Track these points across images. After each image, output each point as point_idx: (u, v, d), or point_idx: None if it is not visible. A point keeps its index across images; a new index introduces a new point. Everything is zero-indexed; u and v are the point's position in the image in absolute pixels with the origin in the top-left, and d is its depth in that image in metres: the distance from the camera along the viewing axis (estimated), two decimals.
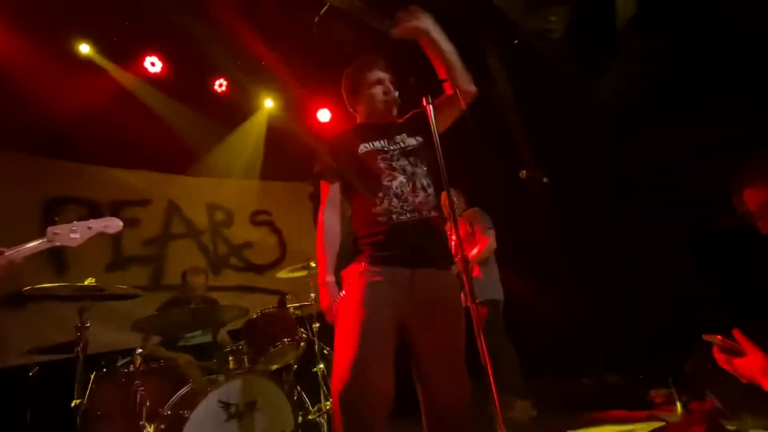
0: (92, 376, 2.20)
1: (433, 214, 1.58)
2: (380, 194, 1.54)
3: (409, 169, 1.59)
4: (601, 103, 3.33)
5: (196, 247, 4.22)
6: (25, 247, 1.50)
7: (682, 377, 2.26)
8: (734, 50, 2.59)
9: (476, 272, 3.06)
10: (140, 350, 2.26)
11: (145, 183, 4.03)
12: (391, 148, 1.64)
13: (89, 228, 1.58)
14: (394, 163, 1.59)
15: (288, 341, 2.57)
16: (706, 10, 2.68)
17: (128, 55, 3.83)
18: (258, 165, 4.67)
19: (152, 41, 3.84)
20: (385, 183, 1.55)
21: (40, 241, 1.56)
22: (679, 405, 2.15)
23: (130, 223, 3.91)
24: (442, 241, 1.62)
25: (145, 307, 2.77)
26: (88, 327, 2.15)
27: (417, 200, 1.55)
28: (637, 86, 3.05)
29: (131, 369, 2.25)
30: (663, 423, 2.08)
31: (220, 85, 4.31)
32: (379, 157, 1.60)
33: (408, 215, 1.52)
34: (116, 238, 3.79)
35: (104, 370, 2.30)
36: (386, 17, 3.55)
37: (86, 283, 2.08)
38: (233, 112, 4.48)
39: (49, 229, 1.57)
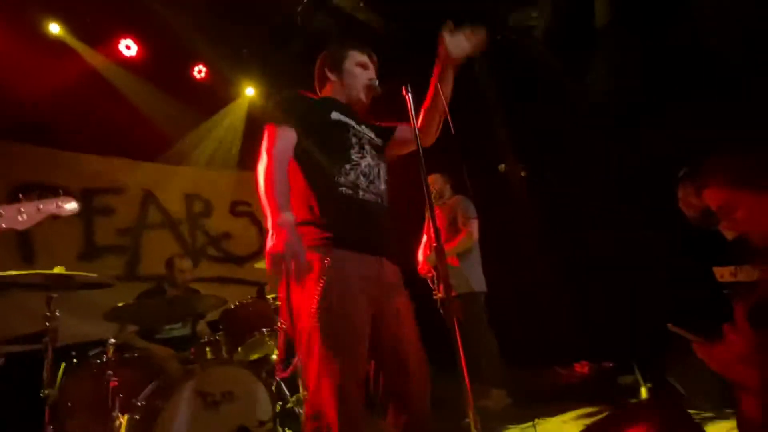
0: (62, 367, 2.14)
1: (388, 205, 1.51)
2: (347, 166, 1.41)
3: (375, 158, 1.52)
4: (581, 100, 3.41)
5: (173, 238, 4.13)
6: None
7: (647, 365, 2.37)
8: (705, 54, 2.69)
9: (454, 261, 3.05)
10: (113, 340, 2.21)
11: (119, 170, 3.91)
12: (362, 130, 1.54)
13: (38, 209, 1.36)
14: (363, 143, 1.50)
15: (266, 331, 2.56)
16: (678, 17, 2.77)
17: (102, 37, 3.69)
18: (237, 154, 4.59)
19: (128, 23, 3.71)
20: (354, 157, 1.44)
21: None
22: (644, 391, 2.25)
23: (103, 211, 3.80)
24: (394, 233, 1.52)
25: (119, 297, 2.69)
26: (57, 317, 2.09)
27: (381, 187, 1.49)
28: (615, 85, 3.14)
29: (103, 359, 2.20)
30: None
31: (200, 71, 4.21)
32: (351, 132, 1.49)
33: (373, 197, 1.43)
34: (88, 226, 3.68)
35: (75, 361, 2.24)
36: (368, 7, 3.53)
37: (55, 271, 2.01)
38: (212, 99, 4.38)
39: None
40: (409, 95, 1.40)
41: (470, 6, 3.37)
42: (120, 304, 2.32)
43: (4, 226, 1.32)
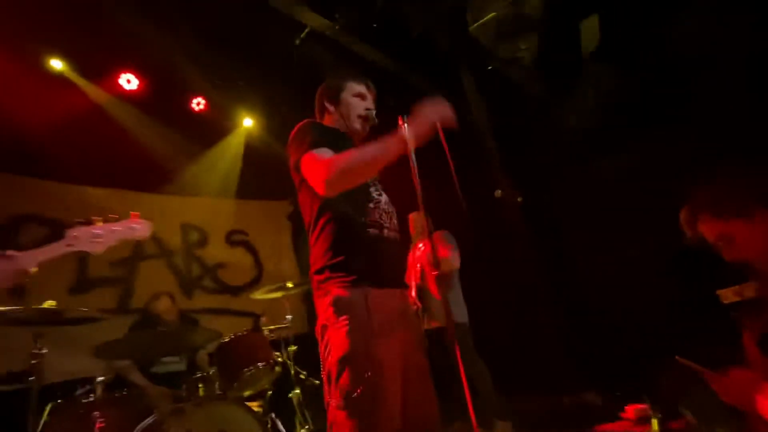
0: (47, 408, 2.04)
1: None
2: (371, 204, 1.43)
3: (382, 193, 1.54)
4: (571, 124, 3.49)
5: (167, 269, 4.07)
6: (39, 250, 1.32)
7: (657, 394, 2.29)
8: (685, 79, 2.80)
9: (436, 293, 3.06)
10: (101, 378, 2.12)
11: (115, 202, 3.89)
12: None
13: (113, 231, 1.32)
14: (375, 181, 1.53)
15: (262, 365, 2.48)
16: (660, 45, 2.89)
17: (103, 72, 3.77)
18: (235, 184, 4.61)
19: (128, 59, 3.80)
20: (374, 195, 1.47)
21: (58, 243, 1.36)
22: (655, 422, 2.17)
23: None
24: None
25: (111, 332, 2.61)
26: (43, 354, 2.01)
27: (394, 221, 1.51)
28: (600, 109, 3.23)
29: (91, 398, 2.10)
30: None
31: (198, 103, 4.28)
32: None
33: (393, 234, 1.48)
34: (82, 258, 3.63)
35: (60, 400, 2.14)
36: (365, 41, 3.65)
37: (45, 305, 1.95)
38: (211, 130, 4.44)
39: (68, 230, 1.35)
40: (405, 125, 1.37)
41: (460, 39, 3.52)
42: (110, 340, 2.24)
43: (78, 248, 1.29)
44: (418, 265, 3.05)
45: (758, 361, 1.13)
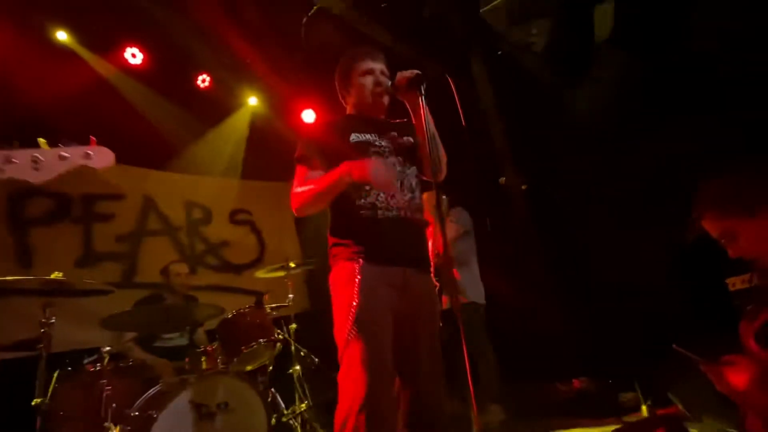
0: (55, 375, 2.11)
1: (417, 216, 1.56)
2: (367, 188, 1.48)
3: (398, 167, 1.57)
4: (580, 113, 3.45)
5: (171, 245, 4.11)
6: None
7: (648, 382, 2.34)
8: (702, 69, 2.74)
9: (454, 272, 3.07)
10: (108, 348, 2.18)
11: (120, 177, 3.89)
12: (382, 143, 1.59)
13: (62, 158, 1.06)
14: (385, 159, 1.56)
15: (263, 342, 2.54)
16: (676, 32, 2.82)
17: (108, 46, 3.73)
18: (239, 163, 4.60)
19: (134, 33, 3.75)
20: None
21: None
22: (644, 408, 2.22)
23: (103, 217, 3.78)
24: (425, 243, 1.60)
25: (117, 305, 2.67)
26: (52, 323, 2.07)
27: (404, 200, 1.53)
28: (612, 99, 3.18)
29: (97, 368, 2.17)
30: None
31: (204, 80, 4.25)
32: (371, 150, 1.55)
33: (394, 212, 1.49)
34: (87, 232, 3.67)
35: (69, 368, 2.21)
36: (374, 19, 3.58)
37: (52, 277, 2.00)
38: (216, 108, 4.41)
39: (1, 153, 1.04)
40: (422, 98, 1.42)
41: (471, 23, 3.45)
42: (117, 312, 2.29)
43: (14, 176, 1.04)
44: (432, 242, 3.06)
45: (753, 351, 1.15)
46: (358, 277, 1.41)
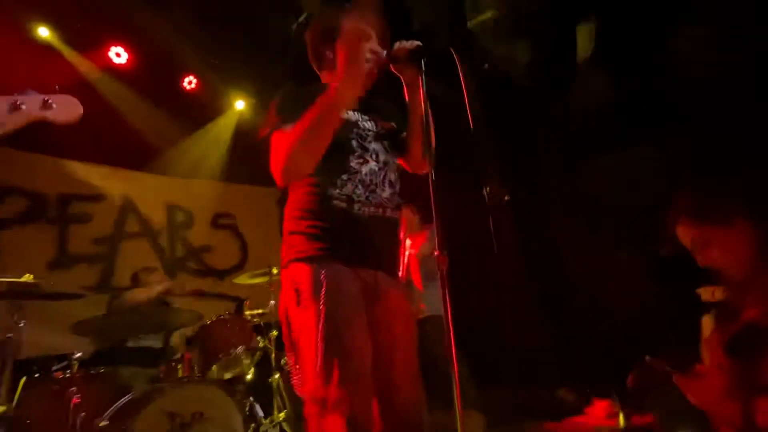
0: (22, 382, 2.02)
1: (395, 214, 1.36)
2: (344, 176, 1.27)
3: (382, 156, 1.35)
4: (562, 127, 3.55)
5: (150, 248, 4.02)
6: None
7: (625, 390, 2.38)
8: (678, 87, 2.87)
9: (419, 285, 3.14)
10: (79, 354, 2.11)
11: (99, 177, 3.81)
12: (366, 125, 1.37)
13: (14, 108, 0.88)
14: (367, 144, 1.33)
15: (243, 349, 2.49)
16: (655, 53, 2.95)
17: (92, 44, 3.66)
18: (224, 167, 4.55)
19: (119, 31, 3.70)
20: (353, 164, 1.29)
21: None
22: (621, 417, 2.25)
23: (80, 218, 3.68)
24: (399, 246, 1.41)
25: (90, 309, 2.59)
26: (21, 327, 1.99)
27: (383, 195, 1.32)
28: (593, 114, 3.30)
29: (67, 375, 2.09)
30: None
31: (190, 82, 4.21)
32: (354, 132, 1.32)
33: (371, 209, 1.29)
34: (63, 233, 3.56)
35: (36, 375, 2.12)
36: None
37: (23, 279, 1.93)
38: (201, 111, 4.36)
39: None
40: (422, 75, 1.23)
41: (458, 35, 3.52)
42: (89, 317, 2.22)
43: None
44: (404, 258, 3.11)
45: (723, 363, 1.16)
46: (324, 282, 1.17)
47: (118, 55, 3.74)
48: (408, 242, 3.19)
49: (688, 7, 2.71)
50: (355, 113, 1.36)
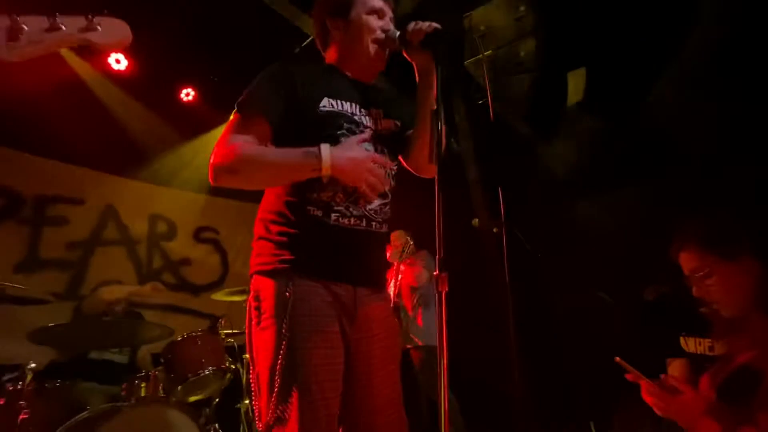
0: None
1: (383, 229, 1.21)
2: (324, 179, 1.09)
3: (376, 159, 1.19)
4: (552, 167, 3.63)
5: (126, 257, 3.88)
6: None
7: (604, 424, 2.31)
8: (666, 134, 2.99)
9: (418, 318, 3.07)
10: (33, 365, 1.96)
11: (81, 180, 3.71)
12: (363, 120, 1.20)
13: (53, 28, 0.75)
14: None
15: (212, 370, 2.36)
16: (640, 103, 3.09)
17: (92, 49, 3.66)
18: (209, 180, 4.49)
19: None
20: None
21: None
22: None
23: (56, 221, 3.55)
24: (383, 262, 1.28)
25: (55, 317, 2.44)
26: None
27: (369, 205, 1.16)
28: (581, 157, 3.39)
29: (18, 387, 1.93)
30: None
31: (187, 94, 4.21)
32: (345, 127, 1.15)
33: (352, 221, 1.13)
34: (35, 235, 3.41)
35: None
36: None
37: None
38: (196, 123, 4.34)
39: None
40: (438, 67, 1.12)
41: (454, 71, 3.64)
42: (50, 325, 2.09)
43: None
44: (397, 282, 3.05)
45: (711, 404, 1.13)
46: (289, 301, 1.03)
47: (117, 61, 3.74)
48: (401, 268, 3.14)
49: (675, 57, 2.87)
50: (351, 104, 1.20)
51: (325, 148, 1.04)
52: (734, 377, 1.11)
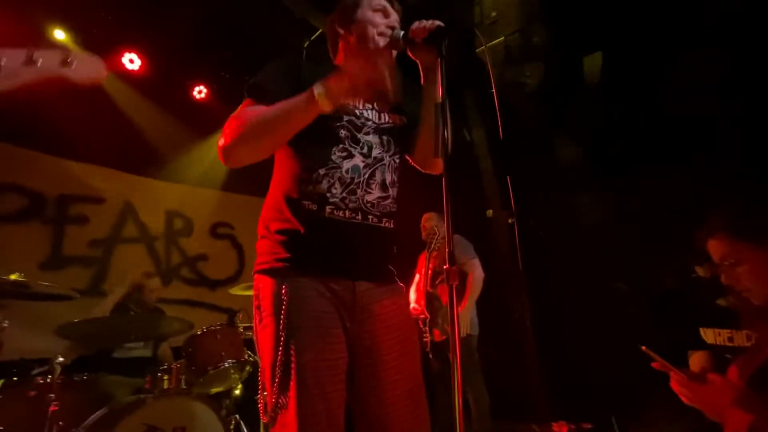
0: None
1: (384, 223, 1.17)
2: (321, 170, 1.11)
3: (376, 151, 1.17)
4: (567, 154, 3.55)
5: (146, 254, 3.97)
6: None
7: (624, 419, 2.28)
8: (682, 124, 2.88)
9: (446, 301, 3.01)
10: (61, 359, 2.03)
11: (100, 180, 3.80)
12: (364, 114, 1.21)
13: (30, 62, 0.78)
14: (359, 135, 1.17)
15: (232, 363, 2.40)
16: (659, 88, 2.98)
17: (106, 49, 3.71)
18: (227, 176, 4.55)
19: (134, 38, 3.75)
20: (334, 158, 1.12)
21: None
22: None
23: (77, 220, 3.65)
24: (387, 256, 1.22)
25: (79, 313, 2.52)
26: (5, 328, 1.92)
27: (367, 198, 1.14)
28: (596, 144, 3.30)
29: (47, 380, 2.00)
30: None
31: (200, 92, 4.25)
32: (345, 120, 1.16)
33: (347, 213, 1.11)
34: (58, 233, 3.51)
35: (15, 378, 2.04)
36: None
37: (11, 277, 1.87)
38: (209, 120, 4.38)
39: None
40: (442, 60, 1.11)
41: (466, 60, 3.57)
42: (76, 320, 2.15)
43: None
44: (429, 271, 2.93)
45: (743, 396, 1.09)
46: (285, 300, 1.04)
47: (131, 61, 3.78)
48: (431, 257, 2.98)
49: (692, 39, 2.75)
50: (355, 99, 1.20)
51: (317, 84, 1.04)
52: (766, 367, 1.07)
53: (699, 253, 1.25)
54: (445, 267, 0.96)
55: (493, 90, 1.23)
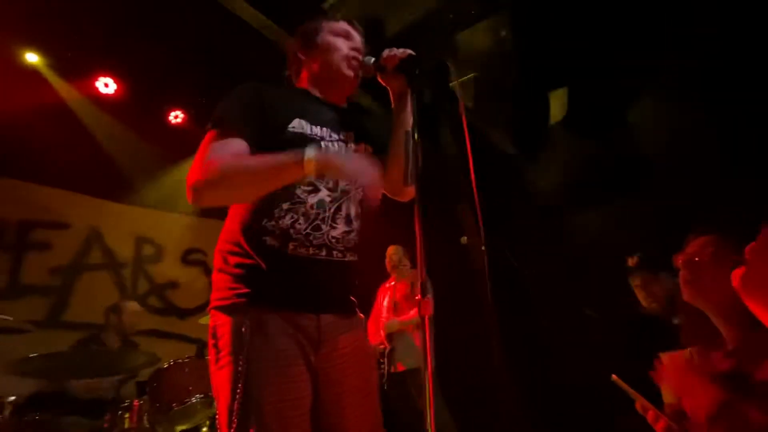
0: None
1: (348, 257, 1.15)
2: (284, 204, 1.07)
3: (341, 184, 1.15)
4: (537, 185, 3.71)
5: (111, 281, 3.80)
6: None
7: None
8: (644, 153, 3.09)
9: (416, 339, 3.04)
10: (12, 398, 1.89)
11: (65, 204, 3.66)
12: (331, 146, 1.17)
13: None
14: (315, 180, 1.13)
15: (200, 398, 2.29)
16: (622, 122, 3.20)
17: (81, 73, 3.67)
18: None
19: (110, 62, 3.73)
20: (299, 192, 1.09)
21: None
22: None
23: (39, 246, 3.48)
24: (349, 288, 1.20)
25: (36, 347, 2.37)
26: None
27: (332, 233, 1.11)
28: (565, 175, 3.48)
29: None
30: None
31: (176, 116, 4.22)
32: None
33: (311, 250, 1.08)
34: (16, 261, 3.33)
35: None
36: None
37: None
38: (185, 145, 4.31)
39: None
40: (411, 89, 1.12)
41: (441, 92, 3.73)
42: (32, 355, 2.02)
43: None
44: (389, 302, 2.99)
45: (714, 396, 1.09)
46: (246, 339, 0.99)
47: (106, 85, 3.74)
48: (392, 283, 3.08)
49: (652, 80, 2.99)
50: (321, 128, 1.17)
51: (309, 148, 1.02)
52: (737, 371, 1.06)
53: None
54: (417, 298, 0.95)
55: (464, 122, 1.25)
